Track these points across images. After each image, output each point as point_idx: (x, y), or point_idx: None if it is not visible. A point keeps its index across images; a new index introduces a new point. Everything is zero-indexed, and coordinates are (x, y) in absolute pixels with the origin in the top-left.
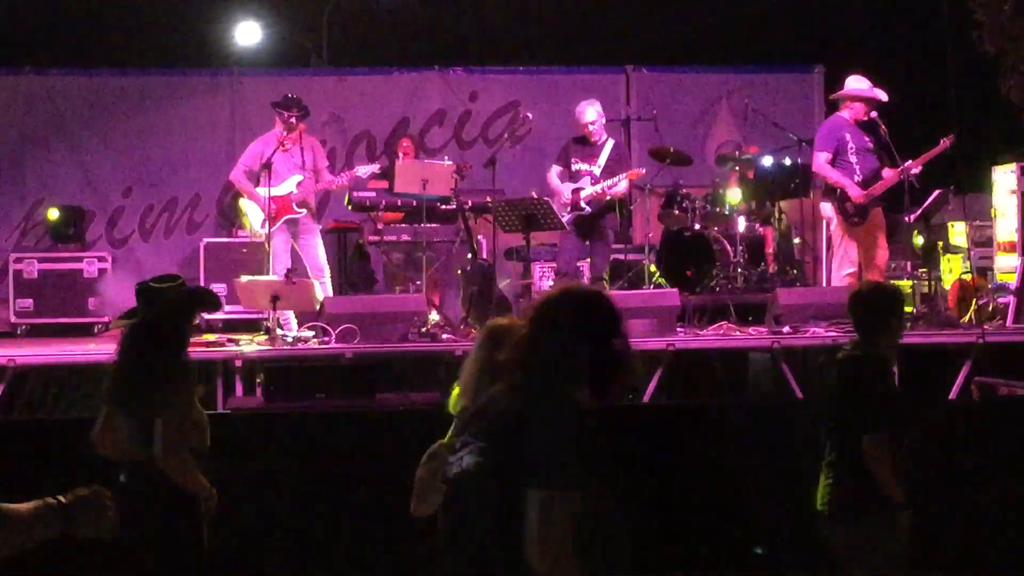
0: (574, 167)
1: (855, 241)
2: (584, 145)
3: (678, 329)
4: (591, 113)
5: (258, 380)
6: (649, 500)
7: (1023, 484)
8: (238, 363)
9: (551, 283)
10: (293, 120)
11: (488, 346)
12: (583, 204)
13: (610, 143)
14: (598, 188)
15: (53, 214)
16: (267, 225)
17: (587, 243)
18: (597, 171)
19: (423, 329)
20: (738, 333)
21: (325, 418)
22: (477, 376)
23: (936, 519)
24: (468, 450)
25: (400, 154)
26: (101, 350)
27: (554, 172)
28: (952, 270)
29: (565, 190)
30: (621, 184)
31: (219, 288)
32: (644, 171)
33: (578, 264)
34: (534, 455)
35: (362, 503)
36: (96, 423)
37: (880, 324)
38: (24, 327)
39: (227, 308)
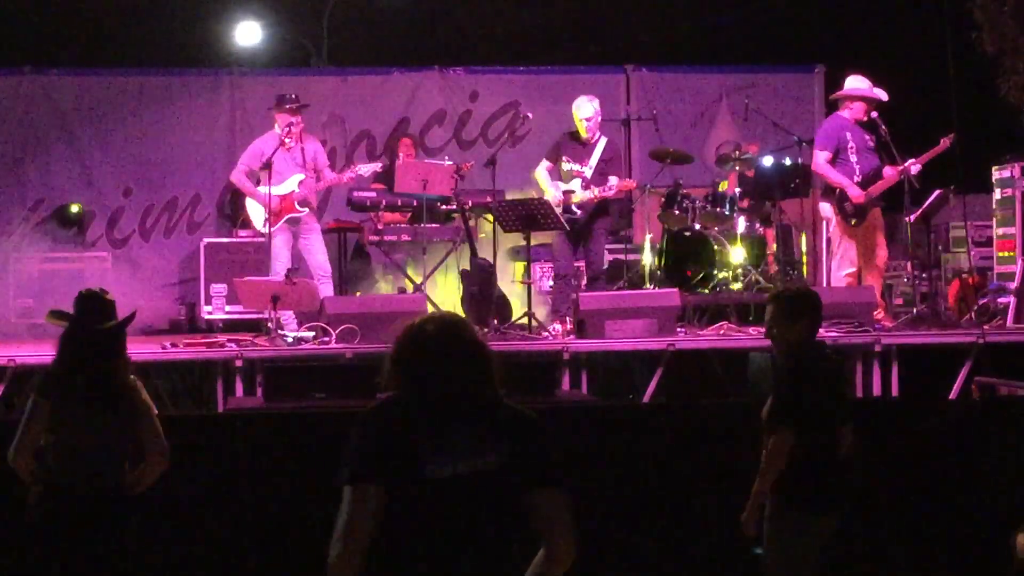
0: (565, 166)
1: (854, 241)
2: (576, 143)
3: (678, 329)
4: (588, 109)
5: (258, 380)
6: (649, 500)
7: (1023, 484)
8: (238, 363)
9: (551, 284)
10: (293, 117)
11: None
12: (574, 207)
13: (603, 141)
14: (588, 195)
15: (73, 208)
16: (268, 225)
17: (580, 245)
18: (588, 172)
19: None
20: (738, 333)
21: (325, 418)
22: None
23: (936, 519)
24: (457, 449)
25: (401, 154)
26: None
27: (543, 168)
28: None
29: (554, 189)
30: (611, 182)
31: (219, 288)
32: (635, 183)
33: (575, 265)
34: (549, 456)
35: None
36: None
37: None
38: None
39: (227, 308)
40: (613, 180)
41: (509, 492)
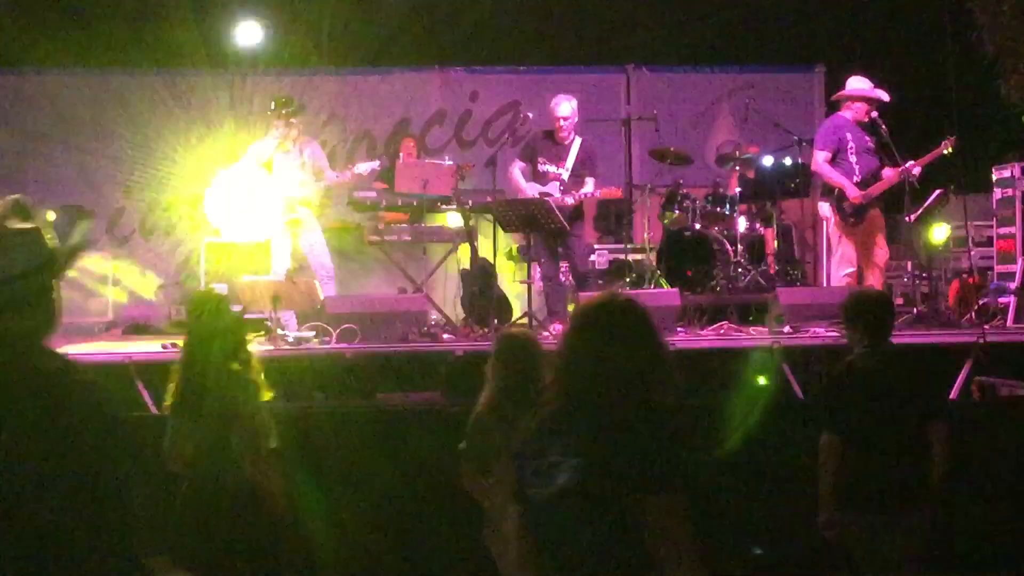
0: (541, 168)
1: (853, 241)
2: (552, 143)
3: (678, 329)
4: (566, 108)
5: None
6: None
7: (1023, 484)
8: None
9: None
10: (291, 119)
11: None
12: None
13: (577, 142)
14: (569, 201)
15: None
16: (268, 225)
17: (559, 247)
18: (565, 175)
19: (423, 329)
20: (738, 333)
21: (325, 418)
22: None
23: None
24: (559, 468)
25: (402, 154)
26: (101, 350)
27: (517, 168)
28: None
29: (531, 191)
30: (587, 188)
31: (219, 288)
32: (620, 191)
33: (560, 266)
34: (654, 462)
35: (362, 503)
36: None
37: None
38: None
39: None
40: (589, 182)
41: (621, 501)
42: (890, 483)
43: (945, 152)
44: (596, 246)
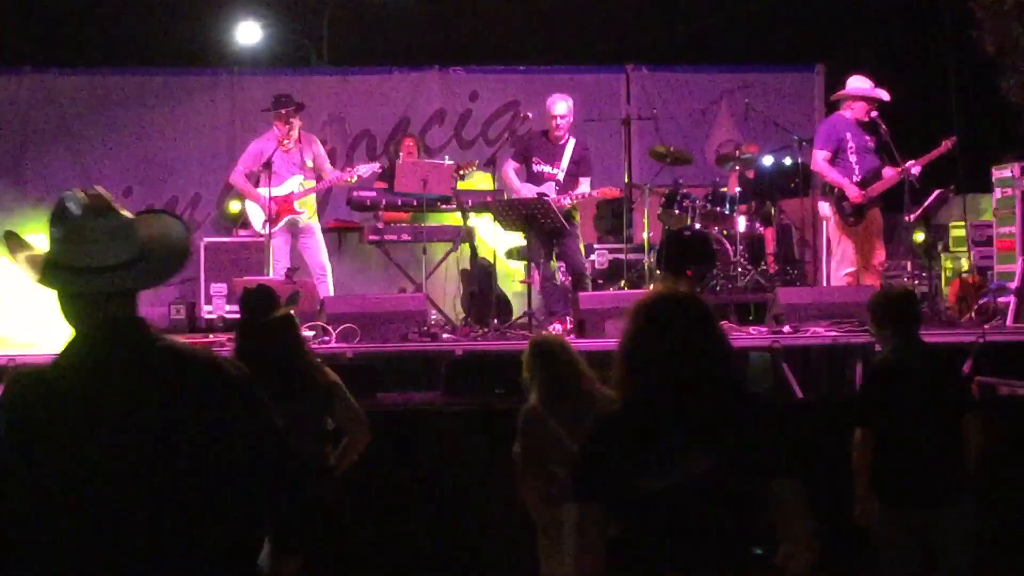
0: (535, 168)
1: (852, 240)
2: (546, 143)
3: None
4: (562, 107)
5: None
6: None
7: (1023, 484)
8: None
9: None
10: (291, 119)
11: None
12: None
13: (572, 142)
14: (566, 202)
15: (234, 207)
16: (268, 225)
17: (556, 247)
18: (560, 175)
19: (423, 329)
20: (738, 333)
21: None
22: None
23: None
24: (681, 458)
25: (402, 154)
26: None
27: (511, 168)
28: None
29: (526, 191)
30: (583, 188)
31: (219, 288)
32: (619, 191)
33: (558, 265)
34: (776, 446)
35: (362, 503)
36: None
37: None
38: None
39: (227, 308)
40: (585, 182)
41: (736, 490)
42: (929, 478)
43: (945, 151)
44: (596, 246)
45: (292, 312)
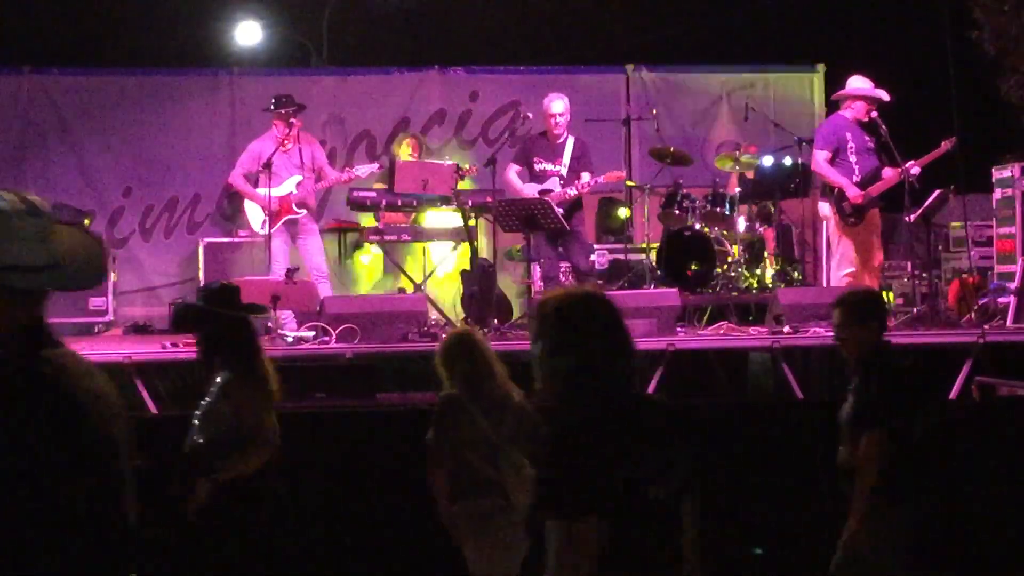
0: (537, 167)
1: (852, 241)
2: (546, 142)
3: (678, 329)
4: (559, 105)
5: None
6: None
7: (1023, 484)
8: None
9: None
10: (291, 119)
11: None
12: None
13: (571, 140)
14: (571, 192)
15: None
16: (267, 226)
17: (560, 247)
18: (564, 171)
19: (423, 329)
20: (738, 333)
21: (325, 418)
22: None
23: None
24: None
25: (410, 150)
26: (101, 350)
27: (513, 172)
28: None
29: (529, 191)
30: (585, 178)
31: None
32: (623, 173)
33: (560, 265)
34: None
35: (362, 503)
36: None
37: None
38: None
39: None
40: (586, 176)
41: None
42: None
43: (945, 151)
44: (596, 246)
45: (250, 318)
